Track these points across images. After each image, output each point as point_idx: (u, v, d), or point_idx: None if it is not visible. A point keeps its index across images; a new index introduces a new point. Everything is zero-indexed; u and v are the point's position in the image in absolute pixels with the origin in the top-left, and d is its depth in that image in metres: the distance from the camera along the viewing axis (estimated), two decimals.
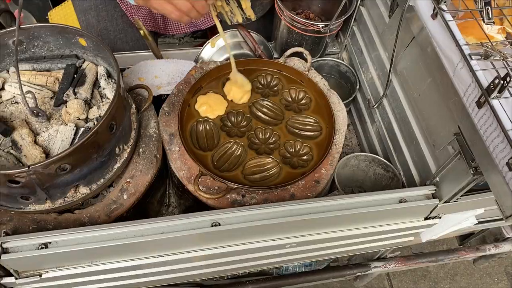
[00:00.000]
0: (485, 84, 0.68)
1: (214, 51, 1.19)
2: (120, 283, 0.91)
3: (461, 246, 1.39)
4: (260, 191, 0.90)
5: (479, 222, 1.11)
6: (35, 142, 0.82)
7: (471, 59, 0.71)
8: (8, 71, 0.92)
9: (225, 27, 1.26)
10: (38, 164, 0.70)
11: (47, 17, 2.06)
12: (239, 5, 1.07)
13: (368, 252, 1.26)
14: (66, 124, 0.84)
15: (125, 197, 0.87)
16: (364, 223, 0.92)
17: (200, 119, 0.99)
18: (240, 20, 1.12)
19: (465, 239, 1.48)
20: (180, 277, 0.95)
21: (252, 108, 1.03)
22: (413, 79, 0.94)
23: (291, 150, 0.98)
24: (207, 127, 0.99)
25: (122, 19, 1.26)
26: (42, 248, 0.75)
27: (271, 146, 0.98)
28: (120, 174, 0.88)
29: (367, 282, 1.44)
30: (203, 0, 0.88)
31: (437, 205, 0.88)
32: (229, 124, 1.00)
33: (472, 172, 0.76)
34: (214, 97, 1.02)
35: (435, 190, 0.88)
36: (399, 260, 1.22)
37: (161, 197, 1.08)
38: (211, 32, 1.46)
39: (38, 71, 0.92)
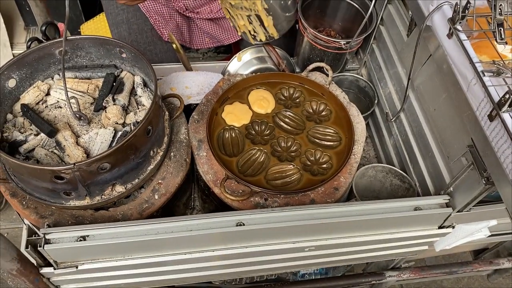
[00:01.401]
0: (496, 98, 0.72)
1: (240, 64, 1.26)
2: (148, 279, 0.97)
3: (475, 260, 1.41)
4: (281, 196, 0.96)
5: (493, 235, 1.14)
6: (77, 143, 0.89)
7: (484, 75, 0.76)
8: (52, 78, 1.00)
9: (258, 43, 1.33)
10: (83, 162, 0.77)
11: (79, 30, 2.17)
12: (262, 24, 1.12)
13: (383, 261, 1.29)
14: (106, 128, 0.91)
15: (156, 197, 0.93)
16: (380, 230, 0.96)
17: (227, 127, 1.06)
18: (264, 39, 1.18)
19: (479, 254, 1.51)
20: (204, 275, 1.00)
21: (275, 118, 1.09)
22: (429, 94, 0.99)
23: (312, 158, 1.03)
24: (233, 134, 1.05)
25: (152, 32, 1.34)
26: (80, 240, 0.81)
27: (292, 154, 1.04)
28: (152, 176, 0.95)
29: None
30: None
31: (450, 214, 0.92)
32: (254, 132, 1.07)
33: (484, 182, 0.80)
34: (240, 107, 1.09)
35: (448, 199, 0.92)
36: (413, 270, 1.25)
37: (186, 201, 1.14)
38: (235, 46, 1.54)
39: (80, 79, 1.00)
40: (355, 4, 1.26)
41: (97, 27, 2.10)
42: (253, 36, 1.18)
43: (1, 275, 1.82)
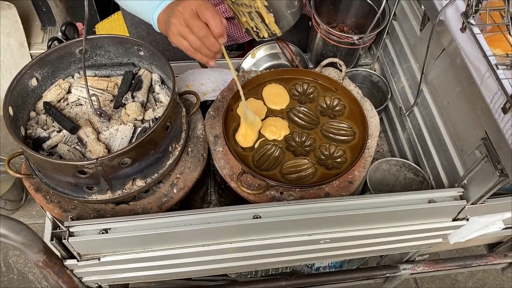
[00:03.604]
0: (510, 91, 0.73)
1: (254, 61, 1.28)
2: (167, 271, 0.99)
3: (490, 253, 1.42)
4: (297, 189, 0.97)
5: (507, 228, 1.15)
6: (98, 139, 0.92)
7: (498, 68, 0.77)
8: (73, 77, 1.03)
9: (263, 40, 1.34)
10: (105, 157, 0.80)
11: (94, 29, 2.21)
12: (263, 21, 1.12)
13: (397, 254, 1.31)
14: (125, 124, 0.94)
15: (175, 191, 0.96)
16: (394, 222, 0.97)
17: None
18: (266, 36, 1.17)
19: (493, 247, 1.51)
20: (221, 268, 1.02)
21: (289, 114, 1.11)
22: (443, 88, 1.00)
23: (326, 152, 1.05)
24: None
25: None
26: (103, 233, 0.84)
27: (307, 148, 1.05)
28: (170, 171, 0.97)
29: (395, 285, 1.48)
30: (214, 39, 0.89)
31: (464, 206, 0.93)
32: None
33: (498, 174, 0.81)
34: (254, 103, 1.11)
35: (463, 192, 0.93)
36: (427, 263, 1.26)
37: (203, 195, 1.16)
38: (248, 44, 1.56)
39: (99, 77, 1.02)
40: (367, 0, 1.27)
41: (112, 26, 2.14)
42: (256, 33, 1.18)
43: (22, 269, 1.86)
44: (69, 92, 1.00)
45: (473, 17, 0.83)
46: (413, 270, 1.26)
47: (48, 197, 0.93)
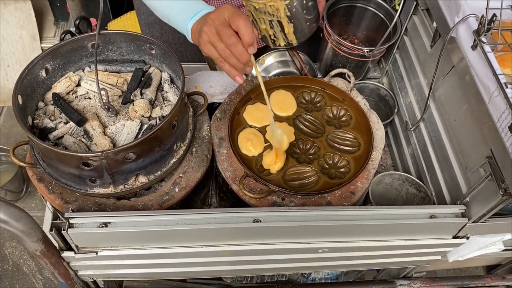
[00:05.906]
0: None
1: (263, 67, 1.29)
2: (163, 270, 0.99)
3: (488, 274, 1.41)
4: (298, 196, 0.97)
5: (506, 249, 1.14)
6: (104, 133, 0.93)
7: (507, 87, 0.77)
8: (83, 70, 1.04)
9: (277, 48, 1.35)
10: (110, 150, 0.80)
11: (106, 27, 2.23)
12: (282, 30, 1.15)
13: (395, 270, 1.30)
14: (132, 120, 0.94)
15: (176, 190, 0.96)
16: (394, 236, 0.97)
17: (248, 127, 1.08)
18: (282, 44, 1.17)
19: (492, 269, 1.50)
20: (218, 270, 1.02)
21: (295, 121, 1.11)
22: (450, 105, 1.00)
23: (330, 161, 1.05)
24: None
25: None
26: (102, 226, 0.84)
27: (311, 156, 1.05)
28: (173, 170, 0.97)
29: None
30: (242, 48, 0.88)
31: (465, 224, 0.92)
32: None
33: (502, 193, 0.81)
34: (261, 108, 1.11)
35: (464, 209, 0.93)
36: (424, 281, 1.25)
37: (204, 197, 1.16)
38: (258, 50, 1.57)
39: (110, 72, 1.03)
40: (380, 14, 1.28)
41: (124, 25, 2.16)
42: (272, 41, 1.19)
43: (17, 261, 1.86)
44: (78, 85, 1.01)
45: (485, 35, 0.83)
46: (409, 286, 1.25)
47: (50, 187, 0.93)
